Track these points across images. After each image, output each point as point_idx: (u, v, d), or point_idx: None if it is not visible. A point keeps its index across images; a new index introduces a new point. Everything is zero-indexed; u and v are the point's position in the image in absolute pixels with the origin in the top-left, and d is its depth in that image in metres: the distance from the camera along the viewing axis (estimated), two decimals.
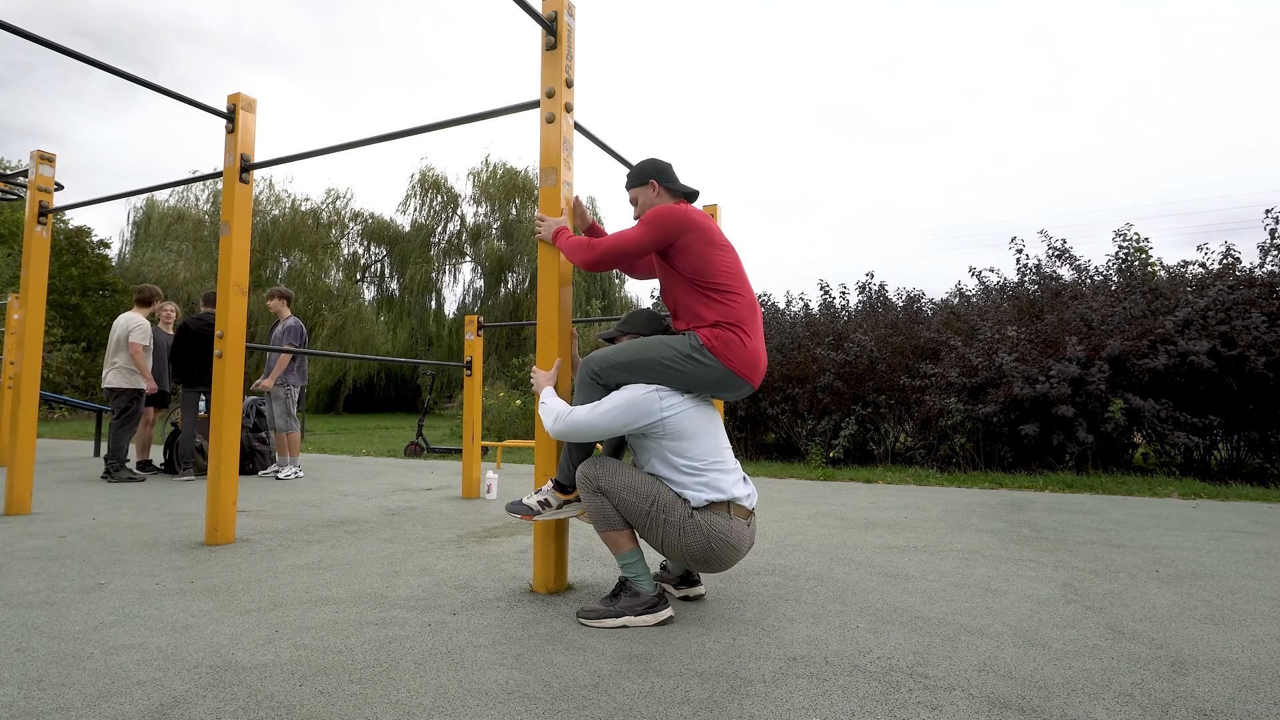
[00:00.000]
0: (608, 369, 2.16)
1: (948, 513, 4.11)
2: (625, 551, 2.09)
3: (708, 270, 2.16)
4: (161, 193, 25.27)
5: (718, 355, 2.09)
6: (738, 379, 2.12)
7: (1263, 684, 1.60)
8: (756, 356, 2.15)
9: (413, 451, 8.61)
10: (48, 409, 17.40)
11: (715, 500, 2.02)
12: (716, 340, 2.10)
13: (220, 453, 3.16)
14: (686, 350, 2.10)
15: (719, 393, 2.17)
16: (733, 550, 2.03)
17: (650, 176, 2.38)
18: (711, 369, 2.10)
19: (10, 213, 24.36)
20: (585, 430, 2.08)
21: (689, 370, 2.10)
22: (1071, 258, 7.57)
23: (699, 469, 2.05)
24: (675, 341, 2.13)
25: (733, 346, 2.10)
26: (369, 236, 27.83)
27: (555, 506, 2.25)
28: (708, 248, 2.18)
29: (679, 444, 2.06)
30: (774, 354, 7.74)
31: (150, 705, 1.47)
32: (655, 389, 2.09)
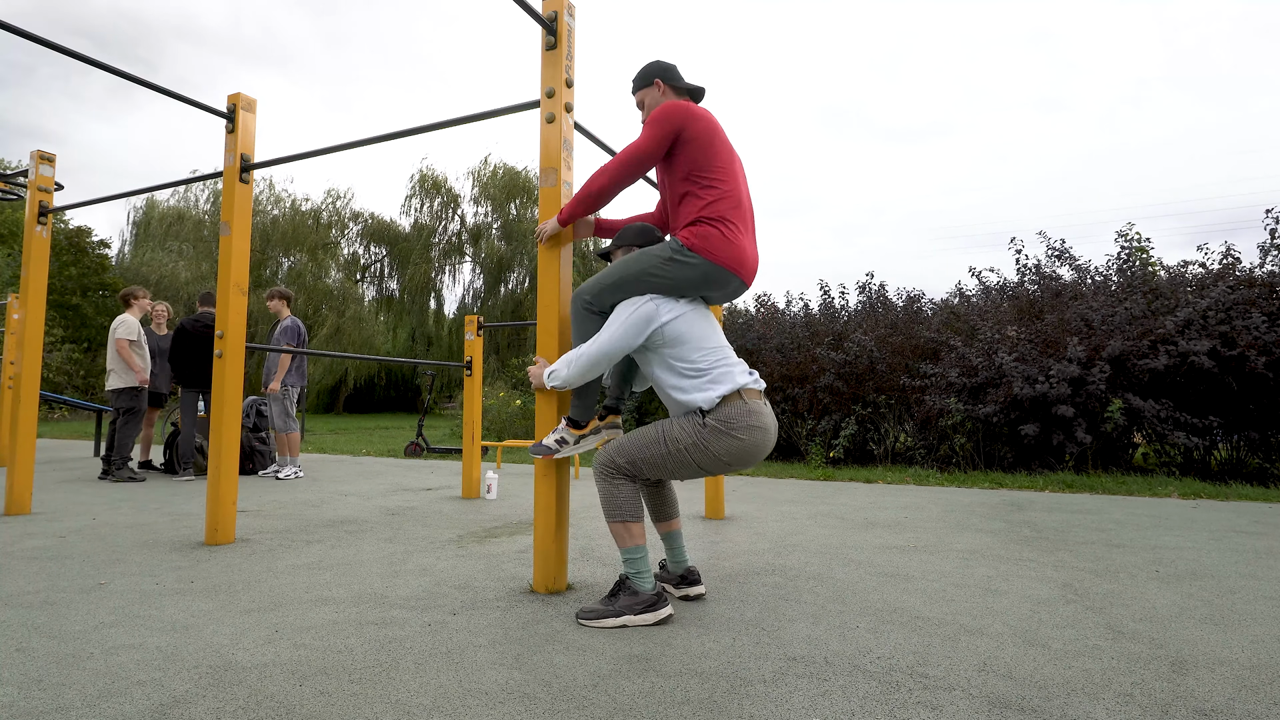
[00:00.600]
0: (598, 294, 2.19)
1: (948, 513, 4.11)
2: (631, 545, 2.08)
3: (705, 164, 2.14)
4: (161, 193, 25.27)
5: (698, 251, 2.09)
6: (724, 272, 2.11)
7: (1263, 684, 1.60)
8: (741, 250, 2.13)
9: (413, 451, 8.61)
10: (48, 409, 17.39)
11: (725, 393, 2.03)
12: (695, 237, 2.10)
13: (220, 453, 3.16)
14: (668, 254, 2.12)
15: (709, 292, 2.17)
16: (761, 431, 2.04)
17: (655, 76, 2.37)
18: (695, 266, 2.10)
19: (10, 213, 24.36)
20: (598, 359, 2.10)
21: (674, 273, 2.11)
22: (1071, 258, 7.57)
23: (703, 369, 2.07)
24: (657, 249, 2.15)
25: (713, 240, 2.10)
26: (369, 236, 27.84)
27: (573, 442, 2.27)
28: (711, 140, 2.16)
29: (680, 349, 2.08)
30: (774, 354, 7.73)
31: (150, 705, 1.47)
32: (650, 298, 2.11)
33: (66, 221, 24.06)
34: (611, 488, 2.10)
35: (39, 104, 71.84)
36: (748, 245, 2.16)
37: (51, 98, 74.25)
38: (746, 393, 2.06)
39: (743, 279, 2.17)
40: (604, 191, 2.24)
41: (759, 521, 3.82)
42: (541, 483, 2.38)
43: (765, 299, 9.09)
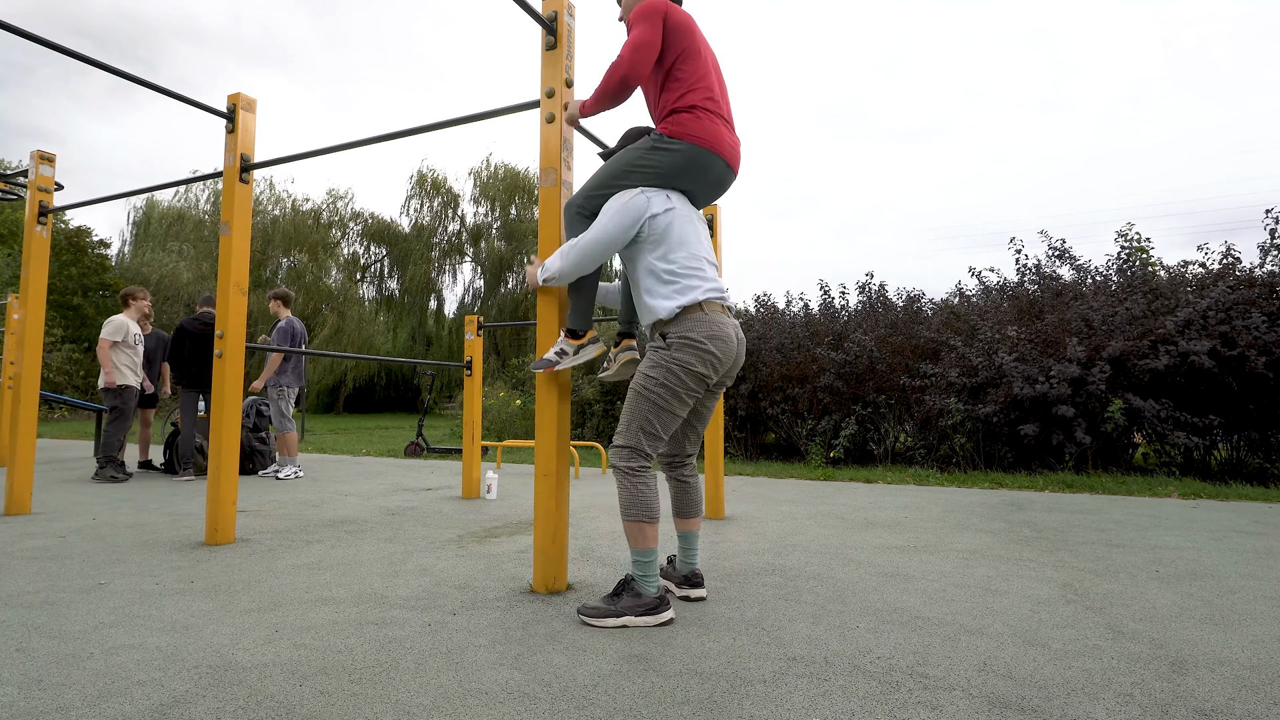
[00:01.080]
0: (587, 198, 2.23)
1: (948, 513, 4.11)
2: (644, 548, 2.07)
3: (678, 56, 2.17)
4: (162, 193, 25.27)
5: (677, 136, 2.12)
6: (705, 153, 2.14)
7: (1263, 684, 1.60)
8: (719, 130, 2.16)
9: (413, 451, 8.61)
10: (48, 409, 17.40)
11: (686, 304, 2.06)
12: (674, 125, 2.14)
13: (220, 453, 3.16)
14: (649, 145, 2.16)
15: (696, 179, 2.19)
16: (723, 341, 2.07)
17: None
18: (677, 151, 2.13)
19: (10, 213, 24.36)
20: (592, 249, 2.13)
21: (657, 160, 2.14)
22: (1071, 258, 7.57)
23: (678, 274, 2.09)
24: (640, 143, 2.19)
25: (688, 123, 2.13)
26: (369, 236, 27.85)
27: (572, 353, 2.30)
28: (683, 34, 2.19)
29: (663, 249, 2.11)
30: (774, 354, 7.73)
31: (150, 705, 1.47)
32: (639, 190, 2.15)
33: (66, 221, 24.06)
34: (632, 483, 2.07)
35: (39, 104, 71.90)
36: (724, 129, 2.19)
37: (51, 98, 74.33)
38: (708, 305, 2.09)
39: (726, 161, 2.19)
40: (624, 81, 2.21)
41: (759, 521, 3.82)
42: (541, 482, 2.38)
43: (765, 299, 9.10)
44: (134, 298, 6.14)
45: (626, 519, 2.09)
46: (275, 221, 24.82)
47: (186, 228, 24.33)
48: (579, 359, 2.31)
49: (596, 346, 2.33)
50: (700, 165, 2.16)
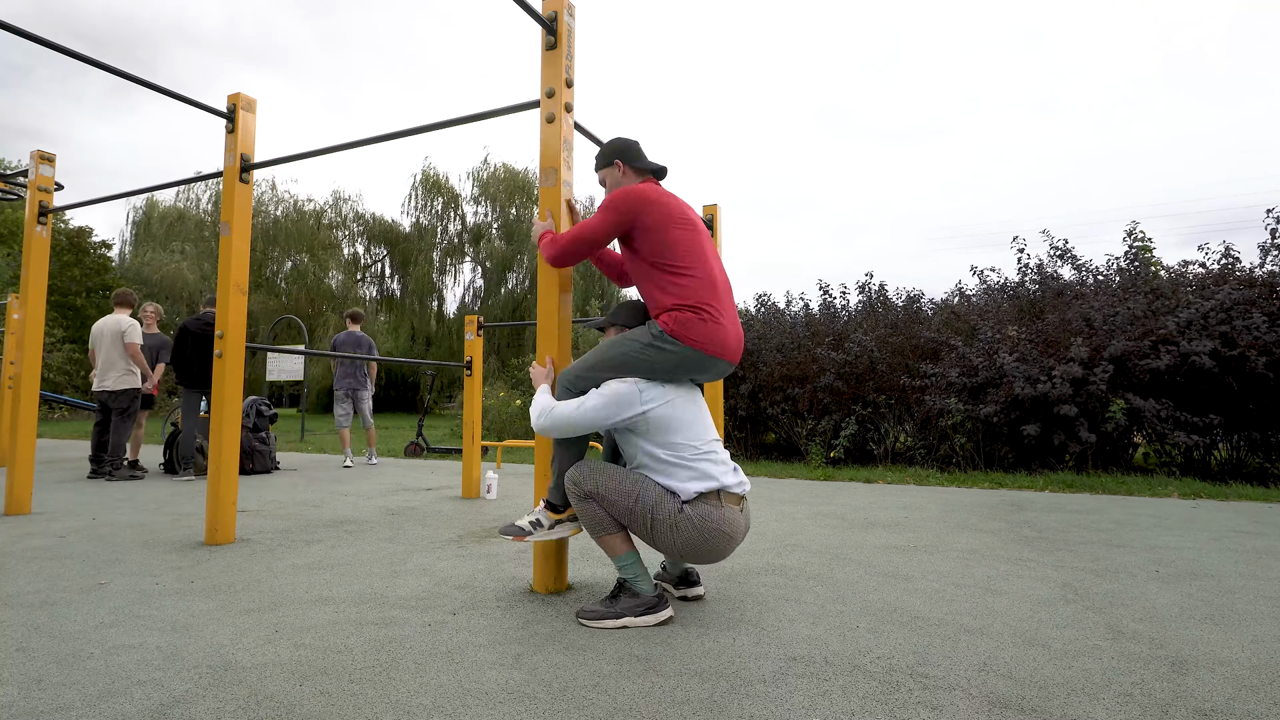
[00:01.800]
0: (578, 378, 2.18)
1: (948, 513, 4.10)
2: (621, 555, 2.08)
3: (666, 251, 2.13)
4: (162, 193, 25.27)
5: (678, 337, 2.07)
6: (706, 357, 2.10)
7: (1263, 684, 1.60)
8: (723, 333, 2.12)
9: (413, 451, 8.61)
10: (48, 409, 17.40)
11: (705, 490, 2.01)
12: (674, 323, 2.08)
13: (220, 453, 3.16)
14: (647, 340, 2.10)
15: (693, 375, 2.16)
16: (727, 539, 2.02)
17: (615, 157, 2.37)
18: (675, 352, 2.08)
19: (10, 213, 24.37)
20: (569, 424, 2.09)
21: (654, 359, 2.09)
22: (1073, 257, 7.57)
23: (687, 460, 2.04)
24: (636, 334, 2.13)
25: (691, 325, 2.08)
26: (370, 237, 27.84)
27: (547, 527, 2.23)
28: (666, 226, 2.15)
29: (664, 436, 2.05)
30: (774, 354, 7.73)
31: (150, 705, 1.47)
32: (634, 382, 2.09)
33: (67, 221, 24.06)
34: (589, 507, 2.07)
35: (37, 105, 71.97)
36: (728, 327, 2.14)
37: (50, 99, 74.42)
38: (726, 496, 2.04)
39: (727, 360, 2.15)
40: (554, 258, 2.27)
41: (759, 521, 3.82)
42: (541, 482, 2.38)
43: (765, 299, 9.10)
44: (133, 300, 6.15)
45: (594, 536, 2.10)
46: (277, 222, 24.82)
47: (187, 228, 24.33)
48: (552, 535, 2.24)
49: (574, 526, 2.26)
50: (698, 366, 2.12)
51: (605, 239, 2.20)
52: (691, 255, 2.15)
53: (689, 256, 2.14)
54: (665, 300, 2.12)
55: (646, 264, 2.17)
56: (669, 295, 2.12)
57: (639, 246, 2.18)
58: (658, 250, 2.14)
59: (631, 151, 2.37)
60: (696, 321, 2.08)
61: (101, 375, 5.86)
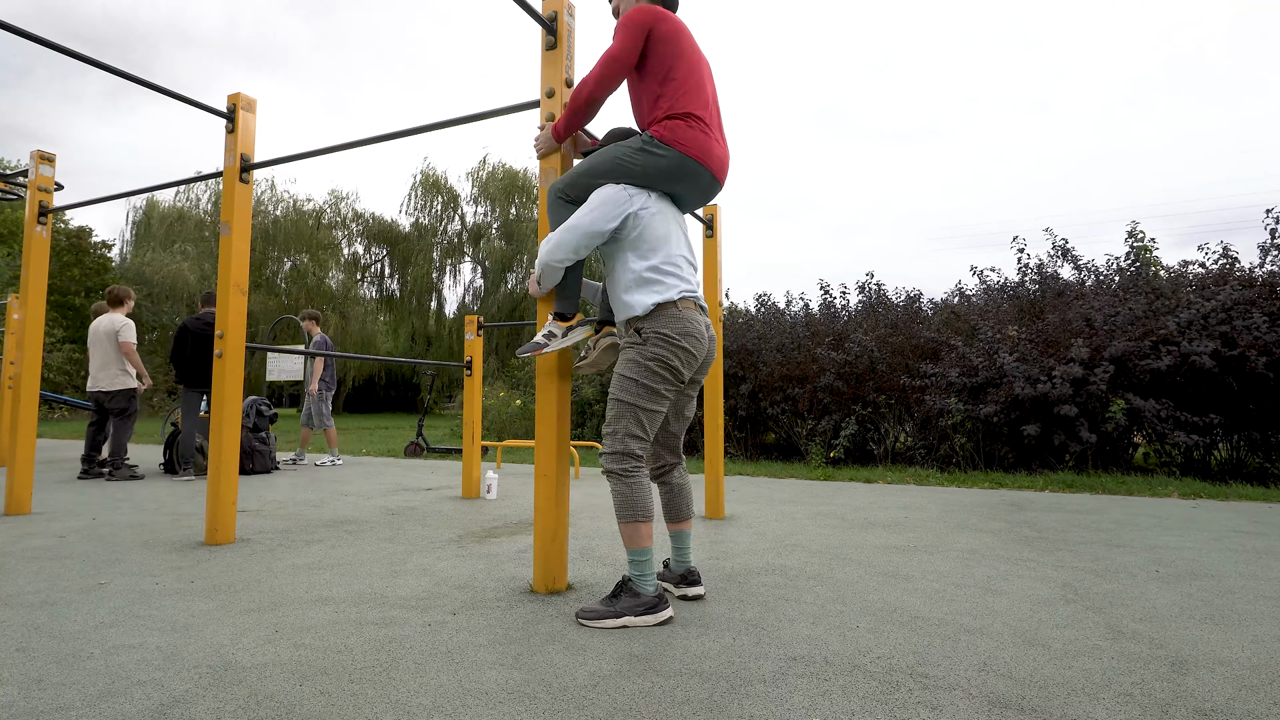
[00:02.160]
0: (570, 184, 2.25)
1: (948, 513, 4.10)
2: (640, 547, 2.07)
3: (672, 63, 2.18)
4: (162, 193, 25.27)
5: (668, 142, 2.13)
6: (694, 164, 2.15)
7: (1263, 684, 1.60)
8: (710, 142, 2.18)
9: (413, 451, 8.61)
10: (48, 409, 17.40)
11: (661, 301, 2.09)
12: (665, 130, 2.14)
13: (220, 453, 3.16)
14: (639, 145, 2.17)
15: (681, 185, 2.20)
16: (695, 340, 2.11)
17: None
18: (665, 157, 2.14)
19: (10, 213, 24.36)
20: (573, 234, 2.13)
21: (644, 162, 2.15)
22: (1074, 257, 7.57)
23: (660, 272, 2.12)
24: (628, 141, 2.20)
25: (680, 131, 2.14)
26: (370, 237, 27.84)
27: (561, 335, 2.30)
28: (678, 38, 2.20)
29: (644, 246, 2.13)
30: (774, 354, 7.73)
31: (150, 705, 1.47)
32: (623, 186, 2.17)
33: (67, 221, 24.06)
34: (626, 485, 2.08)
35: (36, 106, 72.08)
36: (717, 139, 2.21)
37: (49, 100, 74.54)
38: (682, 303, 2.11)
39: (713, 173, 2.21)
40: (592, 101, 2.26)
41: (759, 521, 3.82)
42: (541, 482, 2.38)
43: (765, 299, 9.10)
44: (129, 298, 6.13)
45: (622, 521, 2.10)
46: (277, 222, 24.83)
47: (187, 228, 24.33)
48: (568, 341, 2.32)
49: (585, 328, 2.34)
50: (687, 174, 2.17)
51: (633, 55, 2.20)
52: (691, 70, 2.21)
53: (689, 70, 2.20)
54: (658, 112, 2.18)
55: (650, 77, 2.21)
56: (660, 107, 2.18)
57: (648, 59, 2.22)
58: (665, 62, 2.19)
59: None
60: (685, 128, 2.15)
61: (96, 375, 5.84)
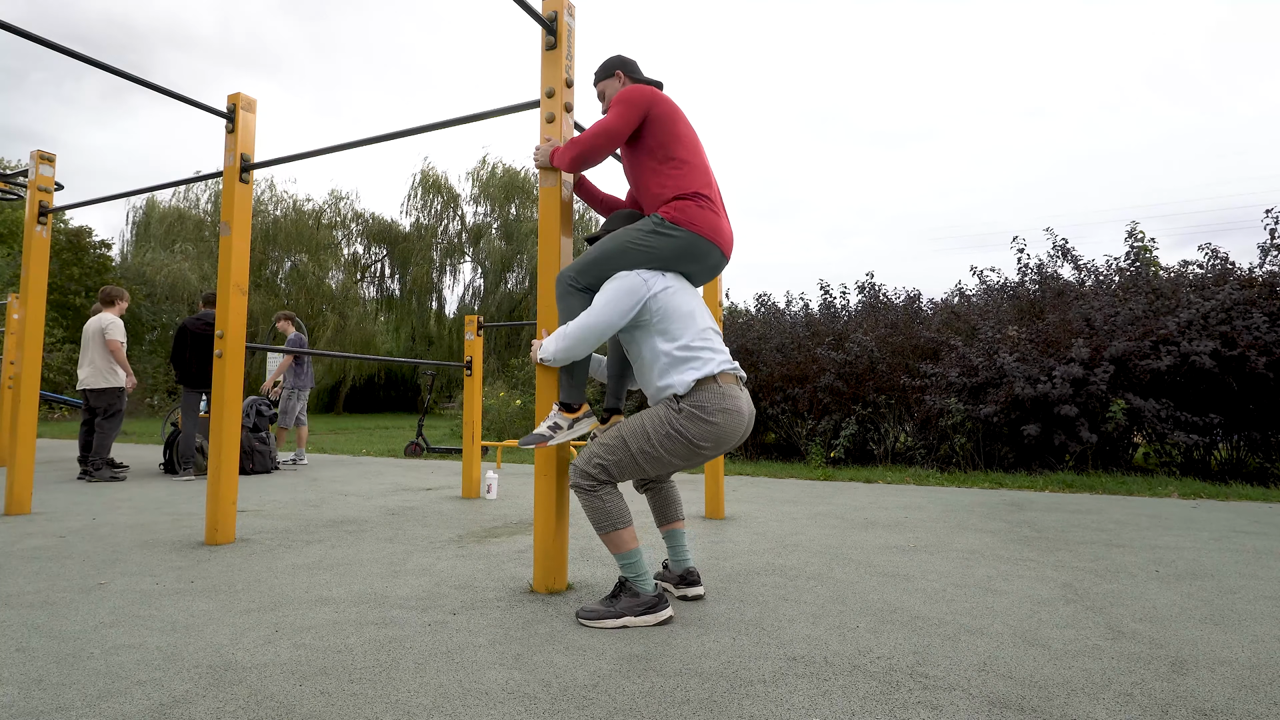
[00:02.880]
0: (581, 271, 2.23)
1: (948, 513, 4.10)
2: (626, 551, 2.08)
3: (670, 143, 2.22)
4: (162, 193, 25.27)
5: (679, 223, 2.15)
6: (704, 242, 2.17)
7: (1263, 684, 1.60)
8: (719, 221, 2.21)
9: (413, 451, 8.60)
10: (48, 409, 17.40)
11: (701, 377, 2.04)
12: (676, 211, 2.16)
13: (220, 453, 3.16)
14: (650, 228, 2.17)
15: (691, 265, 2.21)
16: (735, 415, 2.05)
17: (616, 68, 2.47)
18: (676, 238, 2.15)
19: (10, 213, 24.36)
20: (589, 333, 2.12)
21: (656, 245, 2.15)
22: (1074, 257, 7.58)
23: (692, 349, 2.09)
24: (638, 224, 2.21)
25: (691, 211, 2.16)
26: (370, 237, 27.85)
27: (567, 427, 2.26)
28: (675, 120, 2.25)
29: (669, 324, 2.10)
30: (774, 354, 7.73)
31: (150, 705, 1.47)
32: (637, 272, 2.15)
33: (66, 221, 24.05)
34: (593, 500, 2.08)
35: (32, 109, 72.10)
36: (724, 217, 2.26)
37: (45, 103, 74.56)
38: (722, 377, 2.08)
39: (722, 250, 2.23)
40: (576, 158, 2.28)
41: (759, 521, 3.82)
42: (541, 482, 2.38)
43: (765, 299, 9.10)
44: (121, 298, 6.13)
45: (602, 532, 2.10)
46: (277, 222, 24.83)
47: (187, 228, 24.33)
48: (573, 433, 2.25)
49: (591, 420, 2.29)
50: (699, 253, 2.18)
51: (625, 131, 2.23)
52: (693, 151, 2.25)
53: (690, 151, 2.24)
54: (665, 192, 2.20)
55: (651, 158, 2.24)
56: (668, 187, 2.20)
57: (645, 140, 2.25)
58: (666, 142, 2.22)
59: (632, 65, 2.48)
60: (695, 208, 2.17)
61: (86, 375, 5.86)
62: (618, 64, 2.47)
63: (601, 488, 2.09)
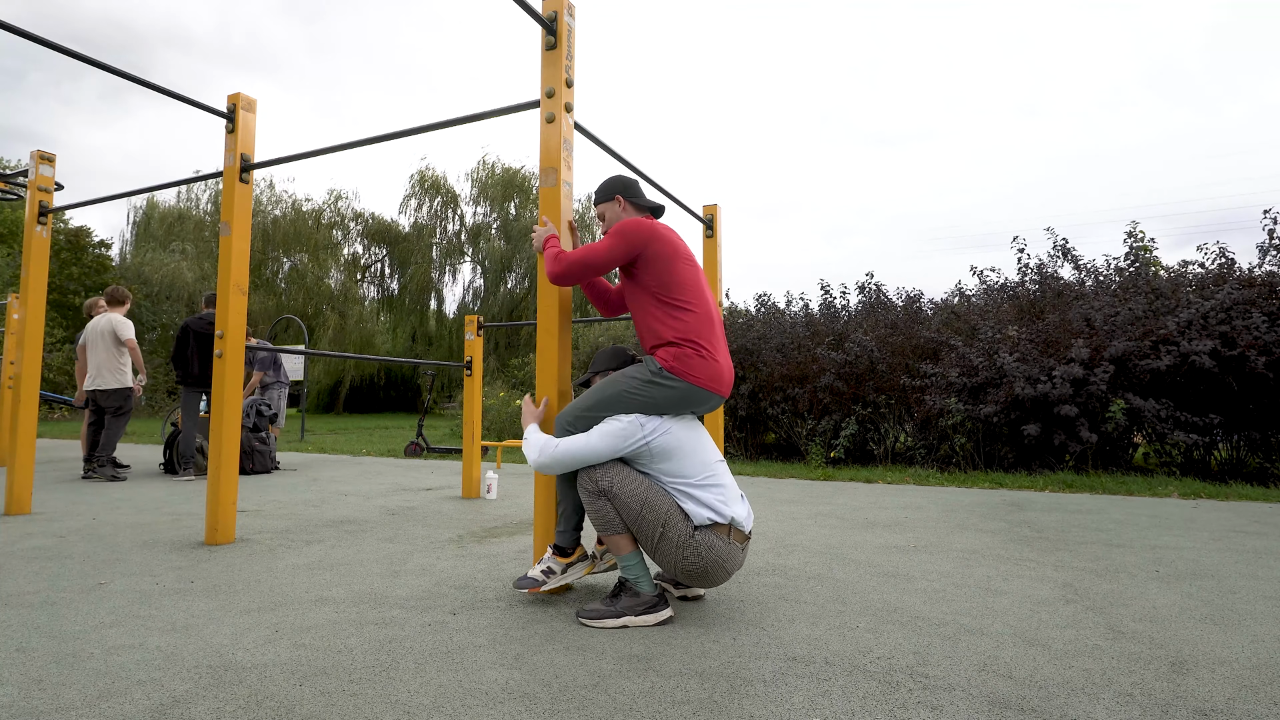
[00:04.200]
0: (577, 419, 2.18)
1: (948, 513, 4.10)
2: (626, 554, 2.08)
3: (670, 283, 2.17)
4: (161, 193, 25.28)
5: (677, 374, 2.10)
6: (702, 392, 2.13)
7: (1263, 684, 1.60)
8: (719, 368, 2.16)
9: (413, 451, 8.61)
10: (48, 409, 17.40)
11: (717, 522, 2.03)
12: (673, 359, 2.11)
13: (220, 453, 3.16)
14: (647, 376, 2.12)
15: (691, 409, 2.17)
16: (724, 572, 2.05)
17: (616, 192, 2.41)
18: (674, 389, 2.10)
19: (10, 213, 24.37)
20: (572, 460, 2.09)
21: (653, 394, 2.11)
22: (1074, 257, 7.58)
23: (695, 485, 2.06)
24: (635, 371, 2.15)
25: (690, 361, 2.11)
26: (369, 237, 27.85)
27: (560, 572, 2.23)
28: (673, 260, 2.20)
29: (669, 464, 2.07)
30: (774, 354, 7.74)
31: (150, 705, 1.47)
32: (635, 416, 2.10)
33: (66, 221, 24.06)
34: (601, 505, 2.07)
35: (31, 109, 72.13)
36: (723, 362, 2.18)
37: (43, 103, 74.59)
38: (734, 532, 2.05)
39: (721, 395, 2.18)
40: (557, 275, 2.28)
41: (759, 521, 3.82)
42: (541, 482, 2.38)
43: (765, 299, 9.10)
44: (129, 299, 6.13)
45: (601, 534, 2.10)
46: (276, 222, 24.83)
47: (187, 228, 24.34)
48: (566, 579, 2.23)
49: (585, 565, 2.26)
50: (696, 400, 2.14)
51: (611, 265, 2.22)
52: (693, 291, 2.19)
53: (691, 292, 2.19)
54: (665, 334, 2.15)
55: (649, 296, 2.20)
56: (669, 329, 2.15)
57: (642, 277, 2.21)
58: (663, 283, 2.17)
59: (633, 189, 2.42)
60: (696, 358, 2.11)
61: (94, 375, 5.83)
62: (618, 188, 2.40)
63: (604, 497, 2.08)
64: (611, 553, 2.10)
